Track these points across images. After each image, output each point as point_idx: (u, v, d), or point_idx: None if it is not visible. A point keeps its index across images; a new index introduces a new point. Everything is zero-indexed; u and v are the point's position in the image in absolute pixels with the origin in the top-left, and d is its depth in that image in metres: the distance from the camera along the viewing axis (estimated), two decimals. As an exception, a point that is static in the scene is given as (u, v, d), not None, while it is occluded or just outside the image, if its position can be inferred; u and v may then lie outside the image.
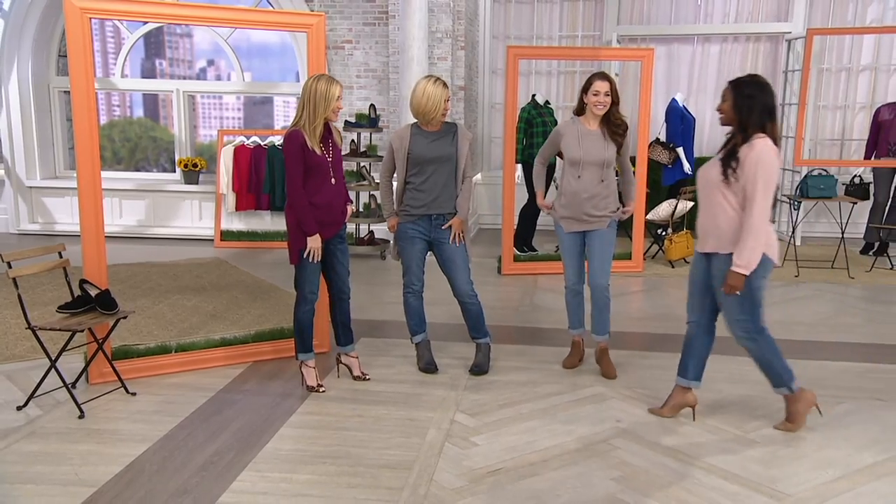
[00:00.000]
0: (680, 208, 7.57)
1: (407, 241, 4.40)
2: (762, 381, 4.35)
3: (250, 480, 3.19)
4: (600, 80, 4.28)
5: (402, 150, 4.30)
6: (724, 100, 3.56)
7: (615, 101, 4.30)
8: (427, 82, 4.21)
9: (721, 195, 3.51)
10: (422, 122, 4.29)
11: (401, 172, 4.36)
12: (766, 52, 9.87)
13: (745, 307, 3.59)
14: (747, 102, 3.44)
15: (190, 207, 9.10)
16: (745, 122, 3.45)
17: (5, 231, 9.29)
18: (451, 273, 4.40)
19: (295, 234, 4.03)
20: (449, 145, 4.31)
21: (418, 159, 4.28)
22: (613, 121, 4.32)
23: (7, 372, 4.43)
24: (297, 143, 3.91)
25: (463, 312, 4.50)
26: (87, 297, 4.04)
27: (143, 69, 10.41)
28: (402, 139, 4.32)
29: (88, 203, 4.09)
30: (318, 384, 4.21)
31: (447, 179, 4.33)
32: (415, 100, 4.22)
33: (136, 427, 3.70)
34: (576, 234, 4.44)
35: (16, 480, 3.15)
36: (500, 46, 9.86)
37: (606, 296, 4.44)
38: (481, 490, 3.12)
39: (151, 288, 6.49)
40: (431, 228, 4.37)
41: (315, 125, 3.93)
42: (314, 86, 3.91)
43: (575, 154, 4.32)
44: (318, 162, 3.97)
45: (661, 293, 6.55)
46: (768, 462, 3.38)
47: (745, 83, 3.49)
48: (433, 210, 4.33)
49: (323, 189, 4.02)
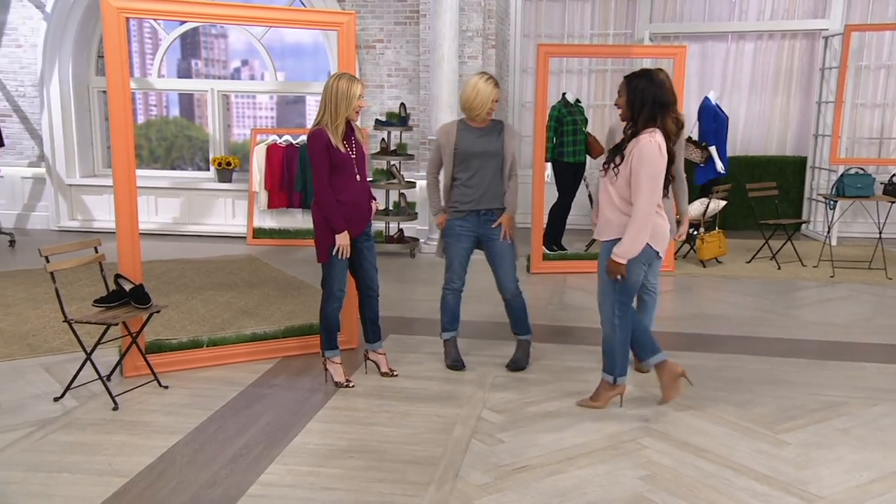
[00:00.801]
0: (712, 207, 7.47)
1: (453, 239, 4.41)
2: (793, 382, 4.31)
3: (278, 473, 3.23)
4: None
5: (449, 146, 4.32)
6: (619, 95, 3.66)
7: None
8: (479, 79, 4.21)
9: (606, 187, 3.66)
10: (468, 117, 4.30)
11: (447, 168, 4.36)
12: (802, 49, 9.71)
13: (616, 289, 3.71)
14: (639, 97, 3.54)
15: (223, 205, 9.23)
16: (636, 116, 3.55)
17: (46, 228, 9.50)
18: (498, 269, 4.43)
19: (323, 231, 4.05)
20: (495, 141, 4.31)
21: (465, 154, 4.29)
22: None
23: (46, 364, 4.54)
24: (322, 141, 3.93)
25: (506, 308, 4.52)
26: (121, 292, 4.13)
27: (179, 69, 10.61)
28: (448, 134, 4.34)
29: (123, 200, 4.17)
30: (346, 380, 4.24)
31: (493, 175, 4.33)
32: (464, 94, 4.24)
33: (168, 419, 3.77)
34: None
35: (52, 469, 3.23)
36: (530, 45, 9.83)
37: (656, 292, 4.43)
38: (507, 487, 3.12)
39: (185, 284, 6.60)
40: (480, 224, 4.37)
41: (337, 124, 3.95)
42: (335, 84, 3.92)
43: None
44: (343, 159, 3.98)
45: (693, 293, 6.48)
46: (800, 463, 3.33)
47: (637, 77, 3.60)
48: (481, 206, 4.34)
49: (348, 186, 4.04)
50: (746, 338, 5.19)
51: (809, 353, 4.85)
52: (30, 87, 9.49)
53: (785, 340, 5.14)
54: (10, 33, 9.40)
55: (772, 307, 6.01)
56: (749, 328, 5.42)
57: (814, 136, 9.35)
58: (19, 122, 9.60)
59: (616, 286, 3.70)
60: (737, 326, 5.46)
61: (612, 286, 3.71)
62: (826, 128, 8.92)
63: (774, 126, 9.93)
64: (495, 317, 5.42)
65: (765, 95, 9.87)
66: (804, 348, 4.97)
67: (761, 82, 9.85)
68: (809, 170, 9.46)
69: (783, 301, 6.23)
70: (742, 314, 5.80)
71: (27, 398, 4.01)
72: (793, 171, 9.57)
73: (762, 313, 5.83)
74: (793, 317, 5.75)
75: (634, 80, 3.59)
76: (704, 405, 3.98)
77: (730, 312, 5.85)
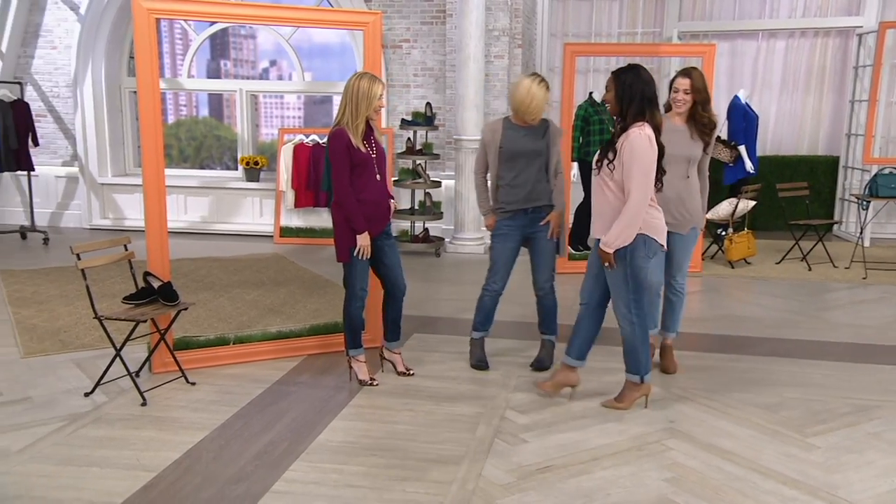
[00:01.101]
0: (741, 207, 7.38)
1: (500, 239, 4.39)
2: (822, 385, 4.24)
3: (302, 470, 3.25)
4: (681, 77, 4.22)
5: (494, 144, 4.30)
6: (608, 90, 3.66)
7: (699, 98, 4.19)
8: (532, 82, 4.16)
9: (601, 183, 3.68)
10: (519, 117, 4.27)
11: (493, 168, 4.35)
12: (835, 47, 9.56)
13: (629, 288, 3.71)
14: (628, 91, 3.56)
15: (251, 204, 9.31)
16: (626, 110, 3.58)
17: (78, 226, 9.66)
18: (537, 264, 4.43)
19: (342, 231, 4.05)
20: (540, 140, 4.29)
21: (509, 153, 4.27)
22: (699, 119, 4.23)
23: (77, 360, 4.62)
24: (343, 141, 3.93)
25: (537, 305, 4.52)
26: (150, 289, 4.18)
27: (208, 70, 10.73)
28: (494, 132, 4.33)
29: (153, 198, 4.23)
30: (370, 378, 4.26)
31: (538, 174, 4.31)
32: (518, 96, 4.20)
33: (195, 415, 3.81)
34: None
35: (82, 463, 3.28)
36: (557, 44, 9.79)
37: (683, 293, 4.41)
38: (530, 487, 3.11)
39: (213, 282, 6.67)
40: (527, 223, 4.36)
41: (357, 123, 3.95)
42: (356, 84, 3.92)
43: None
44: (364, 159, 3.98)
45: (720, 294, 6.41)
46: (830, 467, 3.28)
47: (625, 71, 3.61)
48: (529, 204, 4.32)
49: (370, 186, 4.04)
50: (775, 339, 5.12)
51: (840, 356, 4.77)
52: (64, 87, 9.65)
53: (815, 342, 5.06)
54: (46, 35, 9.57)
55: (802, 309, 5.93)
56: (778, 330, 5.34)
57: (846, 135, 9.20)
58: (53, 122, 9.77)
59: (630, 285, 3.69)
60: (765, 328, 5.39)
61: (626, 285, 3.70)
62: (859, 127, 8.76)
63: (806, 125, 9.78)
64: (522, 317, 5.41)
65: (796, 94, 9.73)
66: (835, 350, 4.89)
67: (793, 81, 9.70)
68: (842, 169, 9.31)
69: (813, 303, 6.13)
70: (771, 315, 5.72)
71: (58, 393, 4.08)
72: (824, 171, 9.42)
73: (792, 315, 5.74)
74: (823, 319, 5.66)
75: (623, 75, 3.61)
76: (731, 407, 3.94)
77: (758, 314, 5.78)
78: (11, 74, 9.56)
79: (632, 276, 3.68)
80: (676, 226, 4.25)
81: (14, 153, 8.50)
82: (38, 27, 9.55)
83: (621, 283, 3.71)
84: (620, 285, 3.72)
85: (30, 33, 9.57)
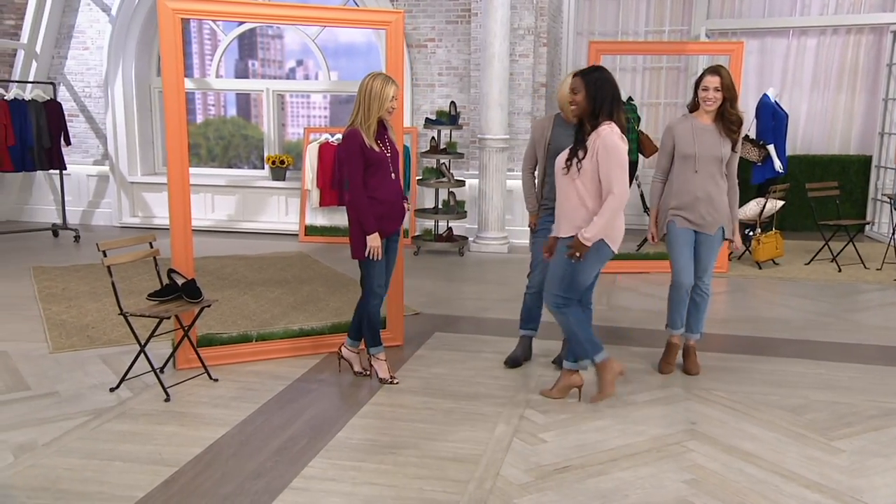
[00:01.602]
0: (768, 207, 7.28)
1: (540, 236, 4.35)
2: (849, 388, 4.18)
3: (321, 467, 3.27)
4: (710, 75, 4.15)
5: (543, 140, 4.30)
6: (576, 92, 3.64)
7: (728, 96, 4.14)
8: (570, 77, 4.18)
9: (569, 183, 3.68)
10: (564, 113, 4.26)
11: (541, 164, 4.33)
12: (868, 44, 9.39)
13: (564, 284, 3.79)
14: (600, 91, 3.58)
15: (277, 203, 9.39)
16: (598, 109, 3.59)
17: (108, 224, 9.82)
18: None
19: (357, 229, 4.04)
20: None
21: (557, 150, 4.21)
22: (728, 117, 4.17)
23: (104, 355, 4.69)
24: (357, 141, 3.93)
25: None
26: (174, 287, 4.23)
27: (236, 69, 10.81)
28: (543, 129, 4.33)
29: (177, 197, 4.28)
30: (391, 376, 4.26)
31: None
32: (560, 92, 4.22)
33: (216, 411, 3.86)
34: (689, 230, 4.26)
35: (105, 457, 3.34)
36: (583, 43, 9.73)
37: (708, 293, 4.37)
38: (548, 487, 3.10)
39: (238, 280, 6.74)
40: None
41: (369, 123, 3.95)
42: (369, 84, 3.93)
43: (689, 149, 4.17)
44: (378, 158, 3.98)
45: (747, 294, 6.32)
46: (855, 471, 3.22)
47: (593, 71, 3.66)
48: None
49: (385, 185, 4.04)
50: (802, 341, 5.04)
51: (868, 359, 4.69)
52: (95, 87, 9.82)
53: (842, 344, 4.98)
54: (78, 36, 9.75)
55: (830, 310, 5.83)
56: (805, 332, 5.26)
57: (879, 134, 9.03)
58: (85, 121, 9.94)
59: (564, 283, 3.78)
60: (792, 330, 5.31)
61: (561, 281, 3.78)
62: (892, 125, 8.60)
63: (838, 124, 9.63)
64: (544, 316, 5.38)
65: (828, 92, 9.58)
66: (863, 353, 4.80)
67: (824, 79, 9.55)
68: (874, 169, 9.14)
69: (842, 304, 6.03)
70: (798, 317, 5.64)
71: (85, 388, 4.15)
72: (856, 171, 9.27)
73: (819, 316, 5.65)
74: (852, 321, 5.56)
75: (593, 74, 3.64)
76: (754, 409, 3.88)
77: (785, 315, 5.69)
78: (45, 75, 9.75)
79: (575, 272, 3.75)
80: (705, 226, 4.21)
81: (47, 152, 8.66)
82: (70, 28, 9.73)
83: (556, 279, 3.80)
84: (560, 276, 3.78)
85: (63, 34, 9.75)
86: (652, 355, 4.68)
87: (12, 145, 8.30)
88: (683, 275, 4.29)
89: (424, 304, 5.79)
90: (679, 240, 4.27)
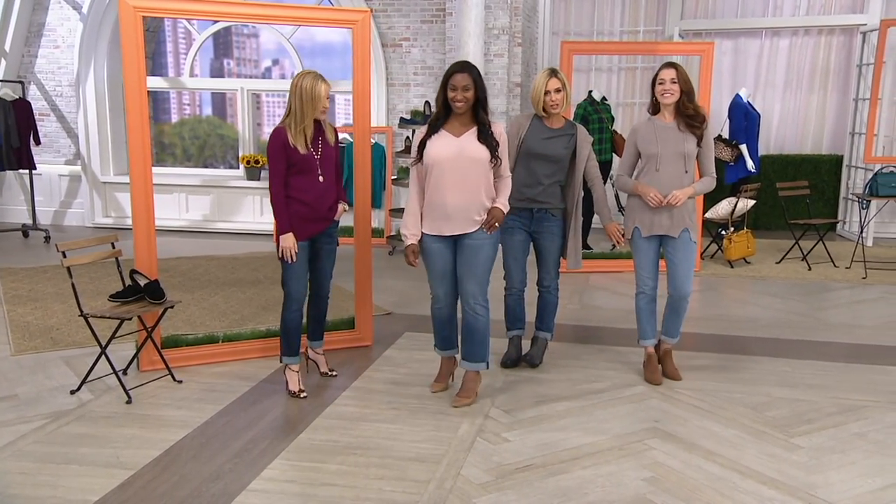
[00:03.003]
0: (740, 207, 7.33)
1: (508, 236, 4.29)
2: (812, 385, 4.21)
3: (280, 468, 3.25)
4: (665, 69, 4.11)
5: (517, 139, 4.21)
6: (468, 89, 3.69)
7: (685, 89, 4.09)
8: (541, 73, 4.17)
9: (487, 171, 3.76)
10: (536, 109, 4.21)
11: (511, 161, 4.16)
12: (839, 45, 9.49)
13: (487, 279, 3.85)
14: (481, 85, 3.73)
15: (251, 203, 9.34)
16: (485, 101, 3.76)
17: (81, 224, 9.72)
18: (542, 260, 4.38)
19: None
20: (563, 147, 4.22)
21: (528, 150, 4.19)
22: (684, 111, 4.12)
23: (66, 357, 4.64)
24: (279, 141, 3.83)
25: (538, 300, 4.48)
26: (136, 287, 4.19)
27: (212, 69, 10.74)
28: (519, 127, 4.25)
29: (139, 197, 4.24)
30: (299, 389, 4.05)
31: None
32: (534, 89, 4.19)
33: (178, 413, 3.82)
34: (654, 237, 4.21)
35: (62, 461, 3.29)
36: (559, 43, 9.72)
37: (687, 302, 4.27)
38: (508, 486, 3.10)
39: (209, 280, 6.68)
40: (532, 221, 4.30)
41: (304, 126, 3.83)
42: (299, 84, 3.78)
43: (652, 148, 4.13)
44: (302, 159, 3.86)
45: (718, 293, 6.36)
46: (811, 468, 3.24)
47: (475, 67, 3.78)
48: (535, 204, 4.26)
49: (309, 187, 3.92)
50: (769, 339, 5.08)
51: (833, 356, 4.72)
52: (66, 86, 9.72)
53: (809, 342, 5.01)
54: (49, 34, 9.64)
55: (799, 309, 5.87)
56: (773, 330, 5.29)
57: (850, 133, 9.12)
58: (56, 120, 9.84)
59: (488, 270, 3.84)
60: (760, 328, 5.34)
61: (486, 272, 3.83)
62: (863, 125, 8.67)
63: (810, 124, 9.71)
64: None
65: (800, 92, 9.66)
66: (828, 351, 4.84)
67: (796, 79, 9.64)
68: (846, 168, 9.23)
69: (811, 302, 6.07)
70: (767, 315, 5.68)
71: (45, 390, 4.10)
72: (828, 170, 9.35)
73: (788, 315, 5.69)
74: (820, 319, 5.60)
75: (476, 71, 3.72)
76: (718, 407, 3.90)
77: (754, 313, 5.73)
78: (15, 74, 9.63)
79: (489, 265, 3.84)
80: (670, 227, 4.15)
81: (16, 152, 8.55)
82: (41, 27, 9.62)
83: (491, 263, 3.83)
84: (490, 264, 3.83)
85: (33, 33, 9.64)
86: (620, 354, 4.70)
87: (-20, 145, 8.19)
88: (645, 282, 4.27)
89: (396, 304, 5.76)
90: (642, 248, 4.24)
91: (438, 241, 3.83)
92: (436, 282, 3.96)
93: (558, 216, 4.31)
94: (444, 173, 3.72)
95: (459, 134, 3.76)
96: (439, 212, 3.77)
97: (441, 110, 3.79)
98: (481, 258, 3.80)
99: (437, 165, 3.73)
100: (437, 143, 3.76)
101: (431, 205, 3.79)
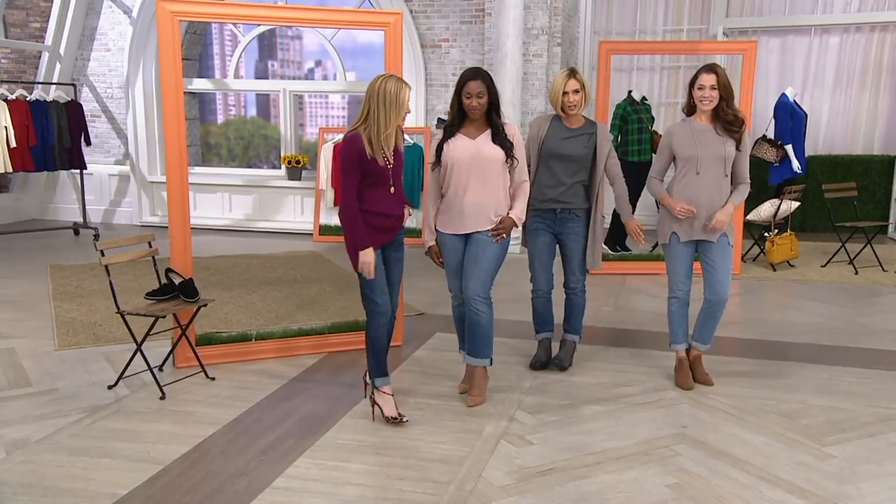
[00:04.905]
0: (783, 209, 7.15)
1: (533, 237, 4.32)
2: (849, 393, 4.09)
3: (305, 467, 3.29)
4: (705, 73, 3.98)
5: (537, 140, 4.21)
6: (480, 96, 3.75)
7: (724, 95, 3.99)
8: (560, 73, 4.17)
9: (503, 171, 3.84)
10: (555, 109, 4.21)
11: (533, 163, 4.20)
12: (893, 42, 9.17)
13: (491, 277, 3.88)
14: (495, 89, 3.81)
15: (293, 203, 9.47)
16: (498, 104, 3.82)
17: (129, 223, 9.99)
18: (568, 262, 4.37)
19: (350, 241, 3.61)
20: (583, 146, 4.20)
21: (549, 151, 4.18)
22: (724, 116, 4.01)
23: (107, 353, 4.77)
24: (355, 150, 3.47)
25: (565, 302, 4.47)
26: (171, 286, 4.29)
27: (256, 70, 10.95)
28: (539, 127, 4.26)
29: (175, 196, 4.34)
30: (398, 414, 3.69)
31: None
32: (553, 88, 4.18)
33: (209, 410, 3.90)
34: (690, 244, 4.13)
35: (95, 454, 3.39)
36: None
37: (725, 307, 4.20)
38: (528, 489, 3.08)
39: (248, 278, 6.80)
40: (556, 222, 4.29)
41: (388, 133, 3.47)
42: (382, 87, 3.43)
43: (690, 151, 4.02)
44: (377, 171, 3.52)
45: (758, 297, 6.22)
46: (843, 477, 3.15)
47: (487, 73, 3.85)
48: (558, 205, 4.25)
49: (382, 200, 3.60)
50: (808, 345, 4.95)
51: (874, 364, 4.58)
52: (117, 88, 10.00)
53: (849, 349, 4.87)
54: (100, 38, 9.94)
55: (842, 314, 5.71)
56: (813, 335, 5.16)
57: (903, 133, 8.83)
58: (107, 122, 10.13)
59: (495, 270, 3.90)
60: (801, 333, 5.21)
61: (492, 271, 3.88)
62: (916, 125, 8.40)
63: (861, 124, 9.43)
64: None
65: (850, 91, 9.39)
66: (870, 358, 4.69)
67: (847, 78, 9.36)
68: (898, 169, 8.94)
69: (856, 308, 5.90)
70: (808, 320, 5.53)
71: (84, 385, 4.23)
72: (879, 171, 9.07)
73: (830, 320, 5.54)
74: (864, 324, 5.44)
75: (488, 77, 3.81)
76: (749, 414, 3.82)
77: (796, 318, 5.59)
78: (69, 76, 9.95)
79: (497, 265, 3.89)
80: (710, 232, 4.05)
81: (68, 152, 8.83)
82: (93, 30, 9.91)
83: (490, 274, 3.87)
84: (490, 275, 3.87)
85: (86, 37, 9.94)
86: (652, 358, 4.64)
87: (34, 145, 8.47)
88: (678, 286, 4.21)
89: (429, 305, 5.78)
90: (679, 253, 4.15)
91: (453, 237, 3.91)
92: (452, 277, 4.04)
93: (582, 217, 4.28)
94: (461, 173, 3.80)
95: (475, 137, 3.82)
96: (455, 210, 3.85)
97: (456, 116, 3.85)
98: (487, 255, 3.83)
99: (455, 166, 3.81)
100: (454, 146, 3.83)
101: (448, 203, 3.88)
